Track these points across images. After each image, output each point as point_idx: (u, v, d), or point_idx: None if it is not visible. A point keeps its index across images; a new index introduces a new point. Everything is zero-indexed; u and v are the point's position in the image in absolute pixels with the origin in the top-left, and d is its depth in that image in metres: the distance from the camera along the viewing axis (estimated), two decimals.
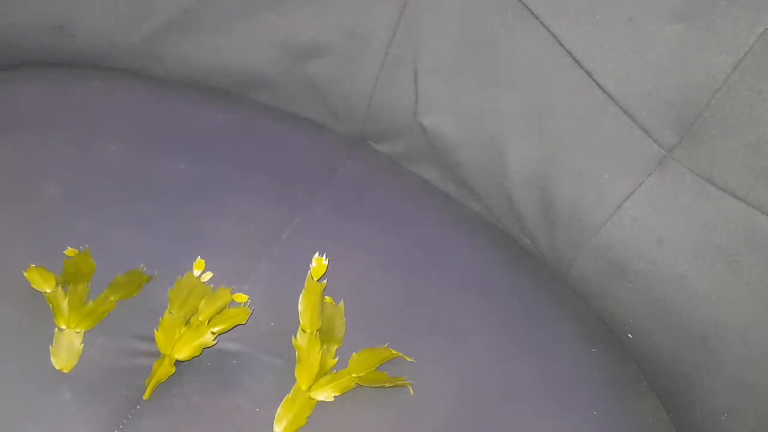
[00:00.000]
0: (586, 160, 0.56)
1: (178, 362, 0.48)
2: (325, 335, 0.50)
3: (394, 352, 0.51)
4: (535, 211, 0.60)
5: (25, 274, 0.49)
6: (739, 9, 0.48)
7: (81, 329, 0.48)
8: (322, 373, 0.48)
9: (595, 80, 0.54)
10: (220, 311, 0.50)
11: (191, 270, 0.52)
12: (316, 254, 0.52)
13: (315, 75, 0.66)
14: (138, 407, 0.46)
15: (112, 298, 0.50)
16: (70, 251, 0.51)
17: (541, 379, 0.54)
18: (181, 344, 0.48)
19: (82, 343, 0.47)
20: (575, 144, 0.56)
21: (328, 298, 0.52)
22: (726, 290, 0.52)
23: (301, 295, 0.51)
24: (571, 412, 0.53)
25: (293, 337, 0.49)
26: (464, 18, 0.59)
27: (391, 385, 0.49)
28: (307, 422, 0.46)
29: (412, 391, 0.49)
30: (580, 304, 0.61)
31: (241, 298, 0.51)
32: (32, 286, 0.49)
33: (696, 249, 0.53)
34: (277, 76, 0.67)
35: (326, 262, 0.52)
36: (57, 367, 0.47)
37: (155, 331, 0.48)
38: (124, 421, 0.46)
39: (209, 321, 0.49)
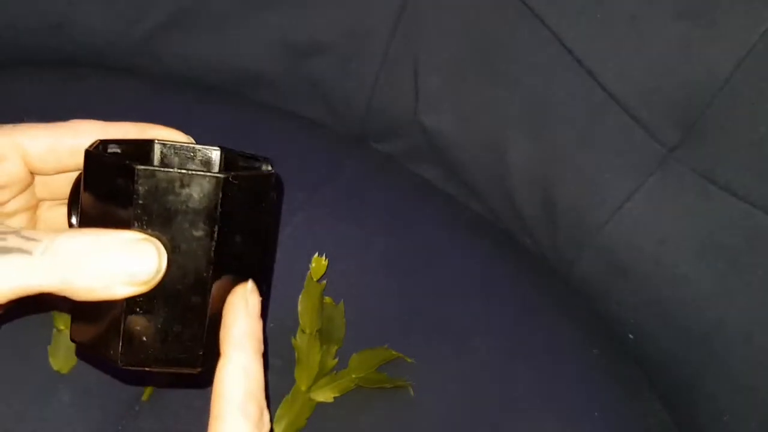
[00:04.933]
0: (587, 159, 0.56)
1: None
2: (324, 336, 0.50)
3: (394, 352, 0.50)
4: (536, 211, 0.60)
5: None
6: (742, 7, 0.48)
7: None
8: (322, 373, 0.48)
9: (596, 79, 0.54)
10: None
11: None
12: (316, 254, 0.52)
13: (315, 73, 0.65)
14: (136, 408, 0.46)
15: None
16: None
17: (542, 380, 0.53)
18: None
19: None
20: (576, 143, 0.56)
21: (327, 299, 0.52)
22: (728, 290, 0.52)
23: (300, 296, 0.51)
24: (571, 413, 0.52)
25: (292, 338, 0.49)
26: (465, 16, 0.58)
27: (392, 386, 0.49)
28: (306, 423, 0.46)
29: (412, 392, 0.49)
30: (581, 304, 0.61)
31: None
32: None
33: (698, 249, 0.52)
34: (277, 74, 0.66)
35: (326, 262, 0.52)
36: (55, 368, 0.46)
37: None
38: (123, 423, 0.45)
39: None
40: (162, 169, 0.31)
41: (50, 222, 0.40)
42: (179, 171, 0.31)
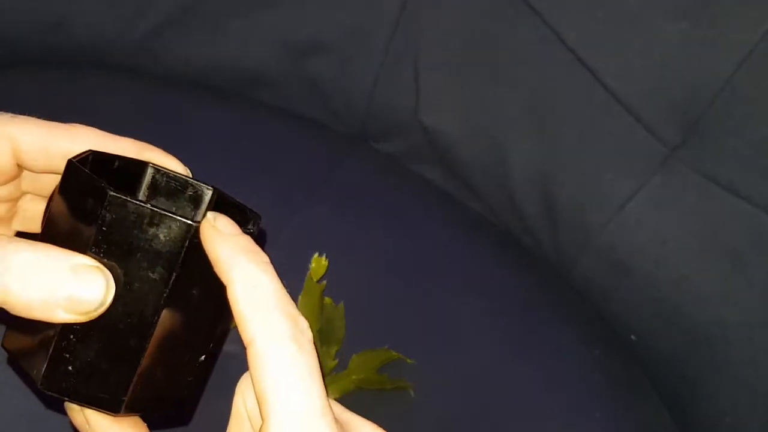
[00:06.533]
0: (589, 159, 0.56)
1: None
2: (324, 337, 0.50)
3: (394, 353, 0.50)
4: (537, 210, 0.60)
5: None
6: (744, 7, 0.48)
7: None
8: (322, 375, 0.48)
9: (598, 79, 0.53)
10: None
11: None
12: (316, 254, 0.52)
13: (315, 73, 0.65)
14: None
15: None
16: None
17: (543, 380, 0.53)
18: None
19: None
20: (578, 143, 0.56)
21: (327, 299, 0.51)
22: (730, 290, 0.52)
23: (300, 296, 0.50)
24: (573, 413, 0.52)
25: None
26: (465, 15, 0.58)
27: (392, 387, 0.49)
28: None
29: (412, 393, 0.49)
30: (582, 304, 0.61)
31: None
32: None
33: (700, 249, 0.52)
34: (277, 74, 0.66)
35: (326, 262, 0.52)
36: None
37: None
38: None
39: None
40: (135, 201, 0.29)
41: (30, 213, 0.39)
42: (152, 208, 0.29)
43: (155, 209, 0.29)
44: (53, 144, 0.35)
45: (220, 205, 0.36)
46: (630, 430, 0.54)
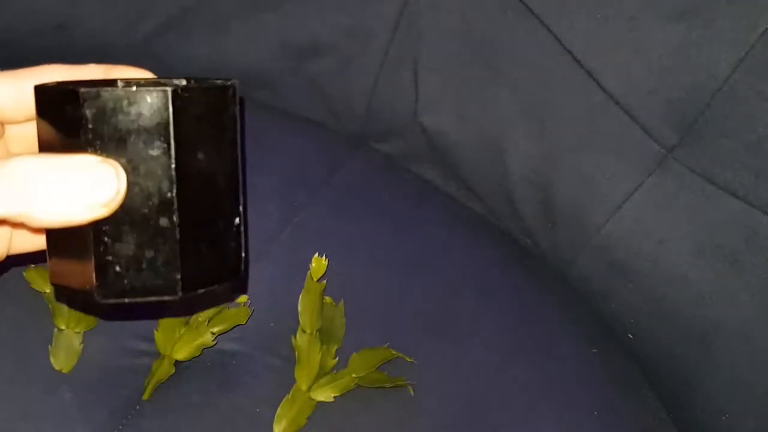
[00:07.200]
0: (586, 159, 0.56)
1: (177, 362, 0.48)
2: (324, 335, 0.50)
3: (394, 352, 0.50)
4: (535, 211, 0.60)
5: (25, 274, 0.49)
6: (740, 8, 0.48)
7: (80, 329, 0.48)
8: (322, 373, 0.48)
9: (595, 80, 0.54)
10: (220, 311, 0.50)
11: None
12: (316, 254, 0.52)
13: (315, 74, 0.65)
14: (138, 407, 0.46)
15: None
16: None
17: (542, 379, 0.53)
18: (181, 344, 0.48)
19: (81, 344, 0.47)
20: (576, 144, 0.56)
21: (327, 298, 0.52)
22: (727, 290, 0.52)
23: (300, 295, 0.51)
24: (571, 412, 0.53)
25: (293, 338, 0.49)
26: (464, 17, 0.59)
27: (392, 385, 0.49)
28: (306, 423, 0.46)
29: (412, 392, 0.49)
30: (580, 304, 0.61)
31: (241, 298, 0.51)
32: (31, 286, 0.49)
33: (697, 249, 0.53)
34: (277, 75, 0.66)
35: (326, 262, 0.52)
36: (56, 368, 0.46)
37: (155, 331, 0.48)
38: (124, 422, 0.46)
39: (209, 321, 0.49)
40: (107, 88, 0.29)
41: None
42: (125, 88, 0.29)
43: (129, 89, 0.29)
44: (26, 91, 0.34)
45: (197, 88, 0.35)
46: (628, 429, 0.54)
